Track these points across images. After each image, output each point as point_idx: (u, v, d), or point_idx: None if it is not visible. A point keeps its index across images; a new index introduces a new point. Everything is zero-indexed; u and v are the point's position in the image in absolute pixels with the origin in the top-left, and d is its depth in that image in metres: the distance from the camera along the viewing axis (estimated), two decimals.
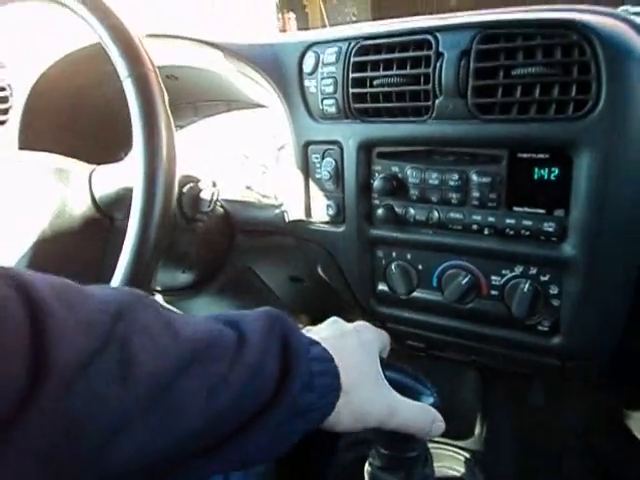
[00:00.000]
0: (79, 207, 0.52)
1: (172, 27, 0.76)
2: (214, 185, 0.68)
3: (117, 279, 0.44)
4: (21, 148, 0.83)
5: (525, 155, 0.54)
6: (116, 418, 0.28)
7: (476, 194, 0.57)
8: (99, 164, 0.60)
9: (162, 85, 0.51)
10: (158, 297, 0.81)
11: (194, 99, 0.93)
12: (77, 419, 0.26)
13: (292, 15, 4.01)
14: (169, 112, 0.49)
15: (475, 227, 0.58)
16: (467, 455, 0.72)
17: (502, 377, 0.72)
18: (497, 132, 0.54)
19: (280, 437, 0.37)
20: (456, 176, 0.58)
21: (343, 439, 0.83)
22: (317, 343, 0.41)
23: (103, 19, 0.51)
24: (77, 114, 0.82)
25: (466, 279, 0.60)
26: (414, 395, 0.44)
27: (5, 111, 0.87)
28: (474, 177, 0.57)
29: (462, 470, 0.70)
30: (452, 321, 0.65)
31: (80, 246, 0.53)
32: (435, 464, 0.61)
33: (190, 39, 0.72)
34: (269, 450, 0.37)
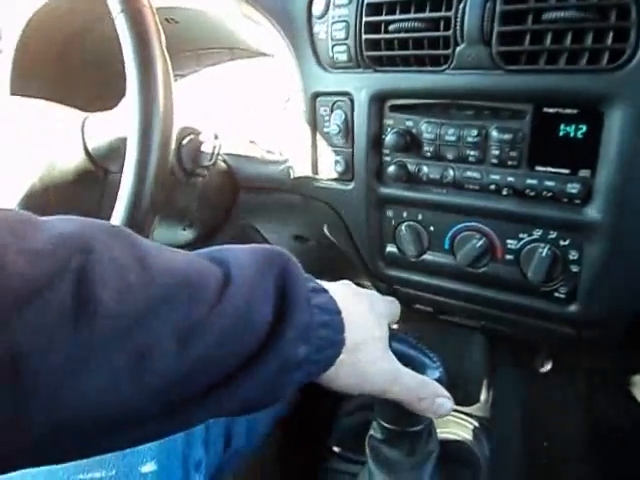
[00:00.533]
0: (71, 159, 0.49)
1: None
2: (216, 138, 0.64)
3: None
4: (13, 94, 0.79)
5: (551, 110, 0.50)
6: (69, 357, 0.25)
7: (496, 152, 0.53)
8: (94, 112, 0.56)
9: (159, 25, 0.46)
10: None
11: (196, 46, 0.88)
12: (22, 355, 0.24)
13: None
14: (166, 54, 0.45)
15: (493, 187, 0.55)
16: (473, 421, 0.71)
17: (509, 343, 0.70)
18: (522, 84, 0.50)
19: (271, 390, 0.34)
20: (475, 132, 0.54)
21: (348, 402, 0.83)
22: (324, 291, 0.38)
23: None
24: (70, 58, 0.77)
25: (480, 242, 0.57)
26: (418, 368, 0.42)
27: None
28: (494, 133, 0.53)
29: (468, 437, 0.69)
30: (463, 285, 0.62)
31: (74, 200, 0.50)
32: (440, 430, 0.59)
33: None
34: (260, 402, 0.34)
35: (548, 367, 0.78)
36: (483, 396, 0.76)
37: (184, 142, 0.61)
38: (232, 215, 0.77)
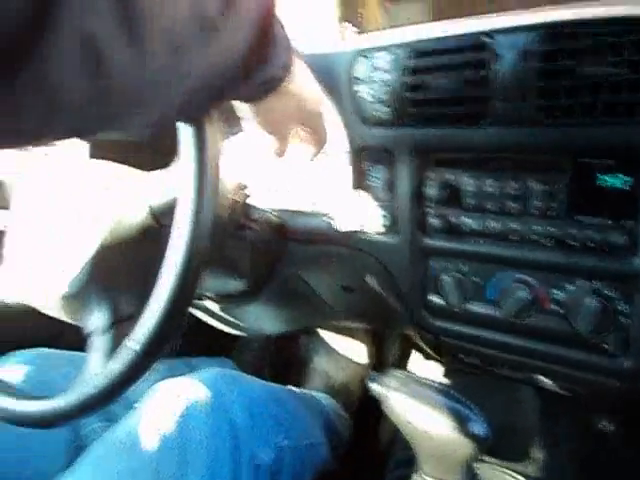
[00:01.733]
0: (136, 215, 0.53)
1: None
2: (265, 192, 0.68)
3: (165, 283, 0.44)
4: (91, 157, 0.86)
5: (590, 161, 0.50)
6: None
7: (536, 203, 0.54)
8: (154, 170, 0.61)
9: None
10: (209, 303, 0.81)
11: None
12: (97, 42, 0.25)
13: (348, 24, 4.02)
14: (217, 119, 0.49)
15: (535, 238, 0.55)
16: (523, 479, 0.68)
17: (564, 397, 0.68)
18: (560, 137, 0.51)
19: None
20: (514, 184, 0.55)
21: (391, 458, 0.81)
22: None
23: None
24: None
25: (525, 293, 0.57)
26: (461, 421, 0.41)
27: None
28: (534, 185, 0.54)
29: None
30: (509, 337, 0.61)
31: (136, 252, 0.54)
32: None
33: None
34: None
35: (606, 423, 0.74)
36: (534, 453, 0.72)
37: (235, 197, 0.65)
38: (281, 265, 0.79)
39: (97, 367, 0.47)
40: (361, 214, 0.69)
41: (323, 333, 1.18)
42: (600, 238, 0.50)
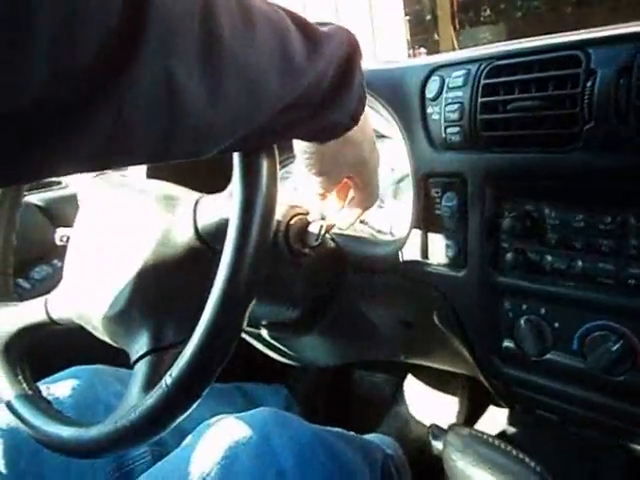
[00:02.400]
0: (182, 236, 0.51)
1: None
2: (323, 218, 0.64)
3: (207, 313, 0.40)
4: (148, 177, 0.87)
5: None
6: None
7: (635, 241, 0.46)
8: (208, 193, 0.58)
9: None
10: (263, 331, 0.78)
11: None
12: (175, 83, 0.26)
13: (423, 50, 3.96)
14: (273, 147, 0.46)
15: (632, 282, 0.47)
16: None
17: None
18: None
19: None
20: (609, 218, 0.47)
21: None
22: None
23: None
24: None
25: (617, 345, 0.49)
26: None
27: None
28: (632, 220, 0.46)
29: None
30: (596, 395, 0.53)
31: (182, 275, 0.52)
32: None
33: None
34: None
35: None
36: None
37: (292, 222, 0.61)
38: (338, 296, 0.75)
39: (134, 399, 0.43)
40: (426, 244, 0.63)
41: (411, 376, 1.12)
42: None
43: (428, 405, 1.08)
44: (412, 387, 1.11)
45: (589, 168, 0.47)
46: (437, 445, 0.50)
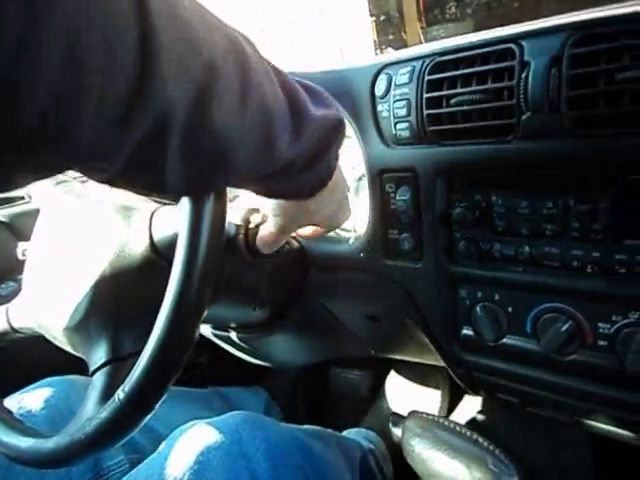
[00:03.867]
0: (138, 248, 0.51)
1: None
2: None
3: (158, 327, 0.40)
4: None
5: (637, 176, 0.44)
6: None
7: (576, 224, 0.48)
8: (170, 202, 0.59)
9: None
10: (232, 334, 0.78)
11: None
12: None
13: (390, 50, 3.99)
14: None
15: (576, 264, 0.49)
16: None
17: (619, 442, 0.60)
18: (600, 149, 0.45)
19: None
20: (550, 204, 0.49)
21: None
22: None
23: None
24: None
25: (566, 325, 0.51)
26: (492, 474, 0.36)
27: None
28: (573, 204, 0.48)
29: None
30: (550, 375, 0.55)
31: (139, 286, 0.52)
32: None
33: None
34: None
35: None
36: None
37: (251, 224, 0.62)
38: (303, 294, 0.75)
39: (89, 411, 0.44)
40: (384, 239, 0.65)
41: (393, 371, 1.14)
42: None
43: (410, 399, 1.09)
44: (394, 382, 1.12)
45: (529, 156, 0.49)
46: (396, 432, 0.51)
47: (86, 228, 0.55)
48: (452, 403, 1.06)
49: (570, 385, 0.53)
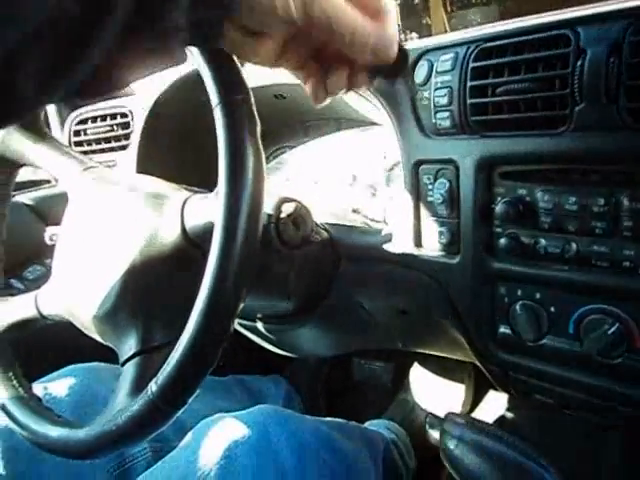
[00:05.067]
0: (170, 237, 0.50)
1: None
2: (316, 207, 0.63)
3: (193, 320, 0.40)
4: (138, 172, 0.86)
5: None
6: None
7: (628, 223, 0.45)
8: (202, 190, 0.58)
9: (255, 114, 0.46)
10: (259, 324, 0.77)
11: (303, 118, 0.90)
12: None
13: (414, 35, 3.92)
14: (260, 145, 0.45)
15: (627, 264, 0.46)
16: None
17: None
18: None
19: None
20: (602, 200, 0.47)
21: None
22: None
23: None
24: (188, 137, 0.82)
25: (613, 328, 0.48)
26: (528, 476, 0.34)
27: (127, 136, 0.90)
28: (626, 201, 0.45)
29: None
30: (592, 378, 0.53)
31: (170, 276, 0.51)
32: None
33: None
34: None
35: None
36: None
37: (282, 214, 0.61)
38: (333, 286, 0.74)
39: (122, 402, 0.43)
40: (419, 231, 0.63)
41: (417, 363, 1.12)
42: None
43: (434, 392, 1.08)
44: (417, 374, 1.11)
45: (581, 150, 0.47)
46: (434, 434, 0.50)
47: (117, 216, 0.54)
48: (476, 398, 1.05)
49: (614, 389, 0.51)
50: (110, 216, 0.54)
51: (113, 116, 0.91)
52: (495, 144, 0.53)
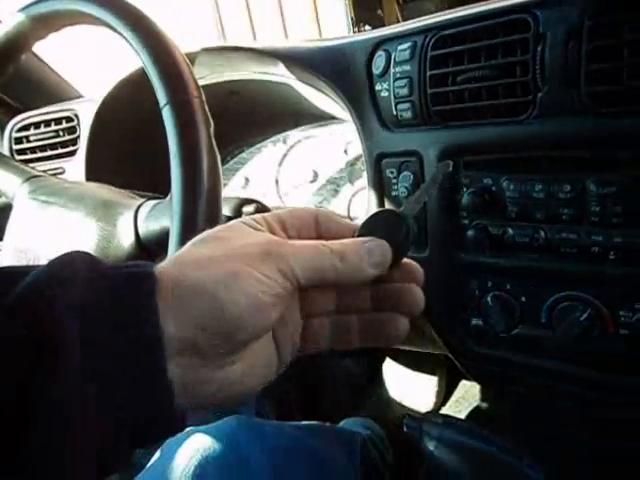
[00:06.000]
0: (123, 245, 0.47)
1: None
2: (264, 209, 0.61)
3: None
4: (87, 179, 0.81)
5: None
6: None
7: (596, 208, 0.45)
8: (155, 195, 0.55)
9: (207, 113, 0.44)
10: None
11: (260, 115, 0.87)
12: None
13: (368, 27, 3.92)
14: (213, 146, 0.42)
15: (596, 250, 0.46)
16: None
17: (633, 432, 0.58)
18: (623, 128, 0.42)
19: None
20: (568, 187, 0.46)
21: None
22: None
23: (144, 38, 0.45)
24: (139, 141, 0.78)
25: (585, 314, 0.48)
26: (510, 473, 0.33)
27: (74, 141, 0.86)
28: (592, 187, 0.45)
29: None
30: (566, 365, 0.52)
31: None
32: None
33: (246, 49, 0.66)
34: None
35: None
36: None
37: (243, 215, 0.58)
38: None
39: None
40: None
41: (388, 357, 1.11)
42: None
43: (407, 386, 1.08)
44: (390, 369, 1.10)
45: (545, 136, 0.46)
46: (413, 436, 0.49)
47: (64, 229, 0.50)
48: (449, 389, 1.05)
49: (588, 375, 0.50)
50: (56, 229, 0.51)
51: (58, 121, 0.86)
52: (458, 134, 0.52)
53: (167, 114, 0.41)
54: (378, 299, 0.34)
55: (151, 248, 0.46)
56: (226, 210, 0.57)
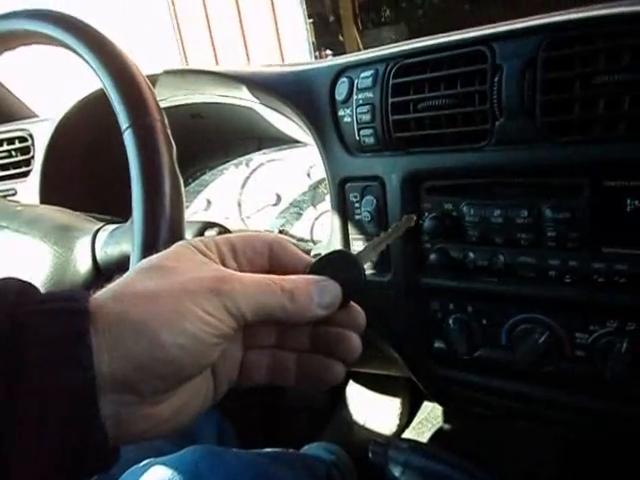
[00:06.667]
0: (80, 270, 0.45)
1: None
2: (226, 232, 0.60)
3: None
4: (42, 201, 0.79)
5: (614, 183, 0.43)
6: None
7: (552, 233, 0.46)
8: (113, 219, 0.53)
9: (169, 136, 0.43)
10: None
11: (223, 138, 0.87)
12: None
13: (329, 52, 4.00)
14: (176, 169, 0.41)
15: (552, 274, 0.47)
16: None
17: (591, 449, 0.60)
18: (575, 156, 0.44)
19: None
20: (525, 212, 0.47)
21: None
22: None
23: (104, 59, 0.45)
24: (96, 162, 0.77)
25: (543, 337, 0.49)
26: None
27: (27, 162, 0.83)
28: (548, 212, 0.46)
29: None
30: (526, 386, 0.53)
31: None
32: None
33: (209, 72, 0.66)
34: None
35: None
36: None
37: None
38: None
39: None
40: (348, 250, 0.61)
41: (352, 381, 1.10)
42: (632, 272, 0.43)
43: (370, 408, 1.07)
44: (352, 392, 1.10)
45: (502, 164, 0.47)
46: (379, 462, 0.48)
47: (16, 255, 0.48)
48: (412, 410, 1.05)
49: (547, 396, 0.51)
50: (8, 255, 0.49)
51: (10, 141, 0.84)
52: (419, 160, 0.53)
53: (129, 137, 0.40)
54: (316, 340, 0.33)
55: (109, 274, 0.45)
56: (189, 234, 0.57)
